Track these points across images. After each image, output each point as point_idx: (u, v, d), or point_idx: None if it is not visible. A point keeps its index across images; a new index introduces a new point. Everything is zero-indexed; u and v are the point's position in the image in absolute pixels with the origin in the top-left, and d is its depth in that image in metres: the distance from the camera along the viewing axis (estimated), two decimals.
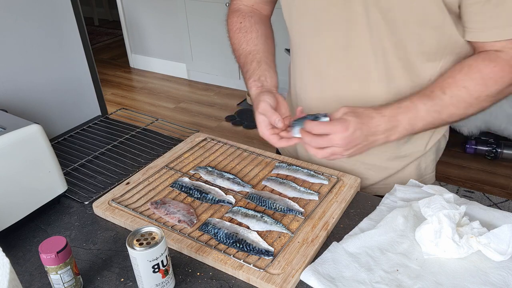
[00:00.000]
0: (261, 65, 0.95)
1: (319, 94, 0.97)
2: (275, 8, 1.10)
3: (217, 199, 0.90)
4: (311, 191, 0.91)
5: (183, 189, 0.93)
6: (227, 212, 0.87)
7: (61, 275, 0.70)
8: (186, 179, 0.97)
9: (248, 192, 0.93)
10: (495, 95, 0.80)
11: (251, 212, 0.85)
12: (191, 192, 0.92)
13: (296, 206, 0.87)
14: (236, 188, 0.94)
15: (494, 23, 0.75)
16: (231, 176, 0.98)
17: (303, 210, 0.85)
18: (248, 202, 0.90)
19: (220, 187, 0.95)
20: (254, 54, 0.97)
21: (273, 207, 0.87)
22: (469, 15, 0.77)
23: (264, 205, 0.87)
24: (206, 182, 0.97)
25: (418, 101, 0.80)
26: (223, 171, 1.00)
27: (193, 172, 1.01)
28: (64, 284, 0.71)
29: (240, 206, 0.88)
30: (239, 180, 0.97)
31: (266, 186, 0.94)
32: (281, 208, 0.86)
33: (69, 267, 0.70)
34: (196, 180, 0.98)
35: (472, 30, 0.78)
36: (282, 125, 0.83)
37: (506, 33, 0.75)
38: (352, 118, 0.77)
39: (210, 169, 1.01)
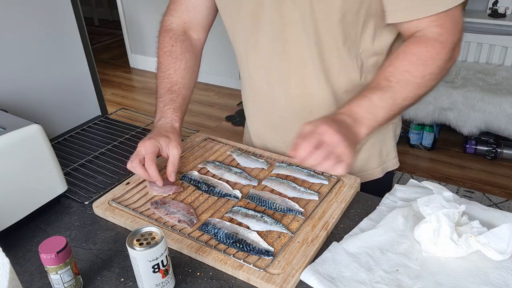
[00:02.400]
0: (184, 103, 1.00)
1: (267, 87, 0.99)
2: None
3: (224, 192, 0.91)
4: (311, 191, 0.91)
5: (191, 182, 0.95)
6: (227, 212, 0.87)
7: (61, 275, 0.70)
8: (195, 173, 0.99)
9: (249, 191, 0.93)
10: (438, 72, 0.82)
11: (251, 212, 0.85)
12: (199, 185, 0.94)
13: (296, 206, 0.87)
14: (243, 182, 0.95)
15: (410, 2, 0.78)
16: (239, 171, 0.99)
17: (303, 210, 0.85)
18: (248, 202, 0.90)
19: (227, 181, 0.96)
20: (180, 88, 0.99)
21: (273, 207, 0.87)
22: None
23: (264, 205, 0.87)
24: (213, 176, 0.98)
25: (368, 93, 0.81)
26: (231, 166, 1.01)
27: (201, 167, 1.02)
28: (64, 284, 0.71)
29: (240, 206, 0.88)
30: (246, 175, 0.98)
31: (266, 186, 0.94)
32: (281, 208, 0.86)
33: (69, 267, 0.70)
34: (204, 174, 0.99)
35: (392, 12, 0.81)
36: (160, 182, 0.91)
37: (423, 10, 0.78)
38: (321, 120, 0.77)
39: (218, 164, 1.02)
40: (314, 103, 0.95)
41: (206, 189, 0.93)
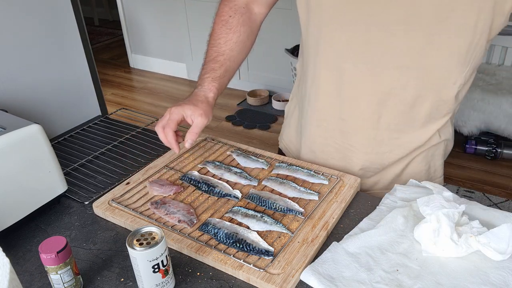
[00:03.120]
0: (225, 75, 0.99)
1: (334, 92, 0.94)
2: (276, 9, 1.07)
3: (224, 192, 0.91)
4: (311, 191, 0.91)
5: (191, 182, 0.95)
6: (227, 212, 0.87)
7: (61, 275, 0.70)
8: (195, 173, 0.99)
9: (249, 191, 0.93)
10: None
11: (251, 212, 0.85)
12: (199, 185, 0.94)
13: (296, 206, 0.87)
14: (243, 182, 0.96)
15: None
16: (238, 171, 0.99)
17: (303, 210, 0.85)
18: (248, 202, 0.90)
19: (227, 181, 0.96)
20: (225, 59, 0.98)
21: (273, 207, 0.87)
22: None
23: (264, 205, 0.87)
24: (213, 176, 0.99)
25: None
26: (231, 166, 1.01)
27: (201, 166, 1.02)
28: (64, 284, 0.71)
29: (240, 206, 0.88)
30: (246, 175, 0.98)
31: (266, 186, 0.94)
32: (281, 208, 0.86)
33: (69, 267, 0.70)
34: (205, 174, 1.00)
35: None
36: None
37: None
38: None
39: (218, 164, 1.02)
40: (387, 110, 0.91)
41: (206, 189, 0.93)
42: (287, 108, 1.20)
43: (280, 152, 1.20)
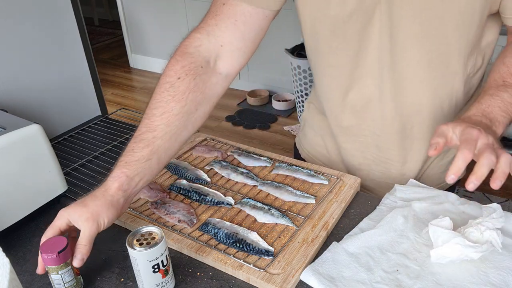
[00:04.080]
0: (151, 157, 0.75)
1: (361, 109, 0.93)
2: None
3: (216, 200, 0.90)
4: (308, 195, 0.90)
5: (181, 192, 0.93)
6: (236, 203, 0.88)
7: (62, 275, 0.70)
8: (183, 181, 0.97)
9: (242, 199, 0.93)
10: None
11: (259, 204, 0.87)
12: (189, 194, 0.92)
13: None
14: (250, 182, 0.96)
15: None
16: (245, 171, 0.99)
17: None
18: (257, 194, 0.92)
19: (236, 182, 0.97)
20: (155, 137, 0.75)
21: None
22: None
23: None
24: (221, 178, 0.99)
25: (497, 92, 0.74)
26: (238, 166, 1.01)
27: (209, 168, 1.02)
28: (65, 284, 0.71)
29: (249, 198, 0.89)
30: (253, 175, 0.98)
31: (261, 190, 0.94)
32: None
33: (70, 267, 0.70)
34: (213, 175, 0.99)
35: None
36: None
37: None
38: (463, 124, 0.68)
39: (225, 164, 1.02)
40: (413, 119, 0.91)
41: (197, 198, 0.91)
42: (305, 115, 1.14)
43: (297, 157, 1.18)
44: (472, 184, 0.62)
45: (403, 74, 0.85)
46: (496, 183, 0.63)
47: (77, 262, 0.69)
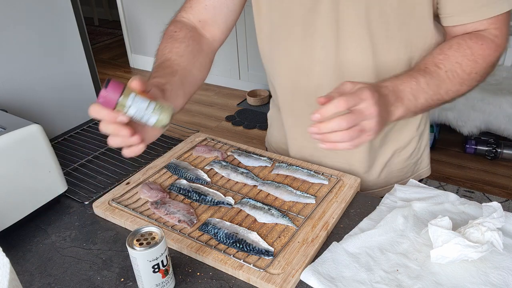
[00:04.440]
0: (175, 77, 0.78)
1: (293, 84, 0.96)
2: None
3: (216, 200, 0.90)
4: (308, 195, 0.90)
5: (181, 192, 0.93)
6: (236, 203, 0.88)
7: (133, 106, 0.61)
8: (183, 181, 0.97)
9: (242, 199, 0.93)
10: (482, 73, 0.81)
11: (259, 204, 0.87)
12: (189, 194, 0.92)
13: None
14: (250, 182, 0.95)
15: (473, 4, 0.77)
16: (245, 171, 0.99)
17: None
18: (257, 193, 0.92)
19: (236, 182, 0.97)
20: (168, 65, 0.80)
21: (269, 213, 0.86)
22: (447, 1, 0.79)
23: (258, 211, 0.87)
24: (221, 178, 0.99)
25: (416, 74, 0.76)
26: (238, 166, 1.01)
27: (209, 168, 1.02)
28: (147, 110, 0.61)
29: (250, 198, 0.89)
30: (253, 175, 0.98)
31: (261, 190, 0.94)
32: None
33: (133, 94, 0.61)
34: (213, 175, 0.99)
35: (453, 15, 0.80)
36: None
37: (485, 12, 0.77)
38: (368, 85, 0.68)
39: (225, 164, 1.02)
40: None
41: (197, 198, 0.91)
42: (269, 113, 1.19)
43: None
44: (313, 129, 0.66)
45: (348, 62, 0.87)
46: (322, 145, 0.68)
47: (135, 82, 0.62)
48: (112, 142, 0.65)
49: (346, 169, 1.01)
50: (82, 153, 1.14)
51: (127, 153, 0.67)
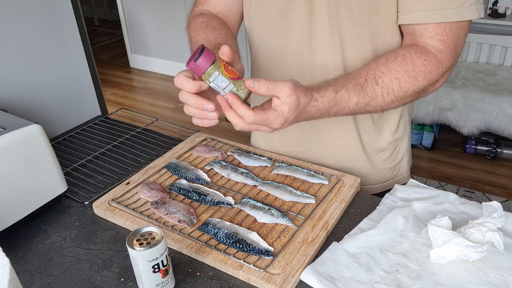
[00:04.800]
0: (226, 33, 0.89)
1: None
2: None
3: (216, 200, 0.90)
4: (308, 195, 0.90)
5: (181, 192, 0.93)
6: (236, 203, 0.88)
7: (213, 83, 0.68)
8: (183, 181, 0.97)
9: (242, 199, 0.93)
10: (420, 92, 0.81)
11: (259, 204, 0.87)
12: (189, 194, 0.92)
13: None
14: (250, 182, 0.95)
15: (422, 6, 0.78)
16: (245, 171, 0.99)
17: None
18: (257, 193, 0.91)
19: (236, 182, 0.97)
20: (219, 33, 0.88)
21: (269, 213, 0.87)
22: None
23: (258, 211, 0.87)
24: (221, 178, 0.99)
25: (352, 92, 0.78)
26: (238, 166, 1.01)
27: (209, 168, 1.02)
28: (225, 90, 0.68)
29: (249, 198, 0.89)
30: (253, 175, 0.98)
31: (261, 190, 0.94)
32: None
33: (217, 72, 0.66)
34: (213, 175, 0.99)
35: (403, 12, 0.80)
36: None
37: (431, 16, 0.78)
38: (291, 112, 0.71)
39: (225, 164, 1.02)
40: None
41: (197, 198, 0.91)
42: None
43: None
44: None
45: (319, 55, 0.89)
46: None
47: (225, 52, 0.69)
48: (189, 111, 0.73)
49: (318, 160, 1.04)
50: (82, 153, 1.14)
51: (201, 123, 0.73)
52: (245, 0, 0.97)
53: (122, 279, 0.75)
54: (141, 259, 0.66)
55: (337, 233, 0.82)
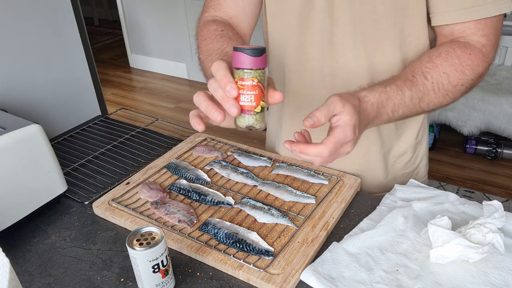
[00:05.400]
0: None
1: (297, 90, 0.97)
2: None
3: (216, 200, 0.90)
4: (308, 195, 0.90)
5: (181, 192, 0.93)
6: (236, 203, 0.88)
7: (244, 93, 0.61)
8: (183, 181, 0.97)
9: (242, 199, 0.93)
10: (469, 85, 0.80)
11: (259, 204, 0.87)
12: (189, 194, 0.92)
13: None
14: (250, 182, 0.95)
15: (460, 4, 0.77)
16: (245, 171, 0.99)
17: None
18: (257, 193, 0.91)
19: (236, 182, 0.97)
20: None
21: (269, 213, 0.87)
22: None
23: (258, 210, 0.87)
24: (221, 178, 0.98)
25: (403, 86, 0.76)
26: (238, 166, 1.01)
27: (209, 168, 1.01)
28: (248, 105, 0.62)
29: (250, 198, 0.89)
30: (253, 175, 0.98)
31: (261, 190, 0.94)
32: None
33: (256, 80, 0.61)
34: (213, 175, 0.99)
35: (439, 13, 0.79)
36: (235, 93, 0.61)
37: (472, 13, 0.76)
38: (354, 117, 0.67)
39: (225, 164, 1.02)
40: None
41: (197, 198, 0.91)
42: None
43: None
44: (295, 148, 0.67)
45: (341, 61, 0.88)
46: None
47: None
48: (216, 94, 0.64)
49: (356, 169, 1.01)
50: (82, 153, 1.14)
51: (198, 126, 0.64)
52: (264, 4, 0.94)
53: (122, 279, 0.75)
54: (141, 259, 0.66)
55: (337, 233, 0.82)
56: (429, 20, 0.83)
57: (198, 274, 0.75)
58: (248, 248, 0.76)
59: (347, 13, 0.83)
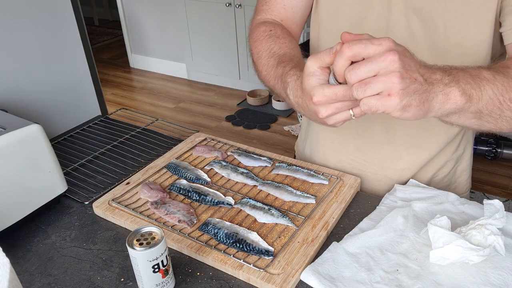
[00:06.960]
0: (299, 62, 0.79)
1: None
2: None
3: (216, 200, 0.90)
4: (308, 195, 0.90)
5: (181, 192, 0.93)
6: (236, 203, 0.88)
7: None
8: (183, 181, 0.97)
9: (242, 199, 0.93)
10: None
11: (259, 204, 0.87)
12: (189, 194, 0.92)
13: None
14: (249, 182, 0.95)
15: None
16: (245, 171, 0.99)
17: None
18: (257, 193, 0.91)
19: (236, 182, 0.97)
20: (291, 57, 0.80)
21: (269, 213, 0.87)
22: (508, 15, 0.72)
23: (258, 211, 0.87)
24: (221, 178, 0.98)
25: (480, 68, 0.63)
26: (238, 166, 1.01)
27: (209, 168, 1.02)
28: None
29: (249, 198, 0.89)
30: (253, 175, 0.98)
31: (261, 190, 0.94)
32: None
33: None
34: (213, 175, 0.99)
35: (509, 29, 0.73)
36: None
37: None
38: (391, 42, 0.55)
39: (225, 164, 1.02)
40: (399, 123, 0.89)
41: (198, 198, 0.91)
42: (302, 121, 1.17)
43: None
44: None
45: None
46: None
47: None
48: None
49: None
50: (82, 153, 1.14)
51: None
52: (314, 12, 0.93)
53: (122, 279, 0.75)
54: (141, 259, 0.66)
55: (337, 233, 0.82)
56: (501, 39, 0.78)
57: (198, 274, 0.75)
58: (248, 248, 0.76)
59: (403, 28, 0.80)
